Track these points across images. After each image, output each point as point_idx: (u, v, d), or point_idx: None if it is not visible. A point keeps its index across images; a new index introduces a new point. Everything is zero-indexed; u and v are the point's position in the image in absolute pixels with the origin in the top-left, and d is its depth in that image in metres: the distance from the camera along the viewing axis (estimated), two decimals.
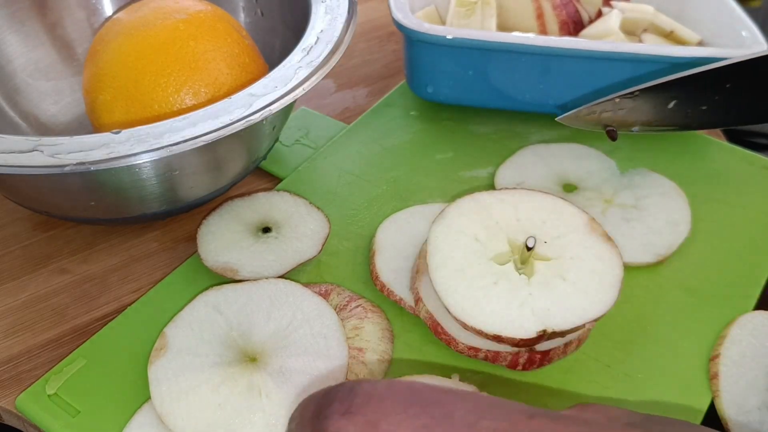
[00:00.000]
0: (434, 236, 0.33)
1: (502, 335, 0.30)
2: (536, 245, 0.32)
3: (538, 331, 0.30)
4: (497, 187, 0.42)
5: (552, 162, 0.43)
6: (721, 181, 0.44)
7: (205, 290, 0.34)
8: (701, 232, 0.40)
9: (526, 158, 0.44)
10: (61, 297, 0.37)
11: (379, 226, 0.39)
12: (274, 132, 0.40)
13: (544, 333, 0.30)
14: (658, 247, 0.38)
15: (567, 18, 0.48)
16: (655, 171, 0.43)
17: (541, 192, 0.35)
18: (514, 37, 0.43)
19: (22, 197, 0.37)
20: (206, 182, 0.37)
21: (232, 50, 0.39)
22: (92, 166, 0.29)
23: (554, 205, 0.35)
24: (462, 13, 0.48)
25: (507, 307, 0.31)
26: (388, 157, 0.45)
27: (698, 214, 0.41)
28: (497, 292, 0.31)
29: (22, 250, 0.39)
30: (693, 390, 0.33)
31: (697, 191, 0.43)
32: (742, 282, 0.38)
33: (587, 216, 0.34)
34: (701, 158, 0.46)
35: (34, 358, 0.34)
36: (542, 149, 0.44)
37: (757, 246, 0.40)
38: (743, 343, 0.34)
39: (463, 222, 0.34)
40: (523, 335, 0.30)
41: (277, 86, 0.34)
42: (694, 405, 0.32)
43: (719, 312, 0.36)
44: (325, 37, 0.37)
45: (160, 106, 0.37)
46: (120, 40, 0.38)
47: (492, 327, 0.30)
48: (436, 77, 0.46)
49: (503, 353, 0.32)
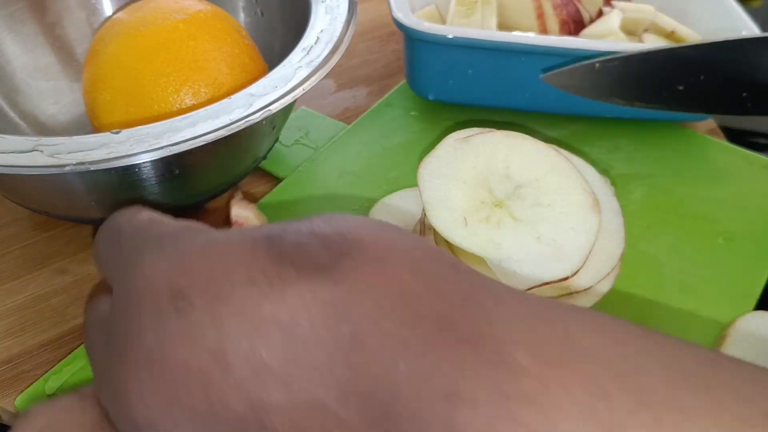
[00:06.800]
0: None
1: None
2: (518, 197, 0.32)
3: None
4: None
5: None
6: (721, 181, 0.44)
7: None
8: (701, 232, 0.40)
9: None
10: (61, 297, 0.37)
11: (370, 209, 0.39)
12: (274, 132, 0.40)
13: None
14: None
15: (567, 17, 0.48)
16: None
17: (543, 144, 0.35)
18: (514, 36, 0.43)
19: (22, 197, 0.37)
20: (206, 182, 0.37)
21: (232, 50, 0.39)
22: (92, 166, 0.29)
23: (550, 159, 0.34)
24: (462, 13, 0.48)
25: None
26: (388, 157, 0.45)
27: (698, 213, 0.41)
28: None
29: (22, 250, 0.39)
30: None
31: (697, 191, 0.43)
32: (742, 282, 0.38)
33: (583, 180, 0.33)
34: (701, 158, 0.46)
35: (34, 358, 0.34)
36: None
37: (757, 246, 0.40)
38: (743, 343, 0.34)
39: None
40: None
41: (277, 86, 0.34)
42: None
43: (719, 312, 0.36)
44: (325, 37, 0.37)
45: (160, 106, 0.37)
46: (120, 40, 0.38)
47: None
48: (436, 77, 0.46)
49: None
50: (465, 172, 0.32)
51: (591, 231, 0.31)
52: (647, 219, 0.41)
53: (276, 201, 0.41)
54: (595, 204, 0.32)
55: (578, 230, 0.31)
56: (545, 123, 0.47)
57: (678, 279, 0.38)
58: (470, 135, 0.34)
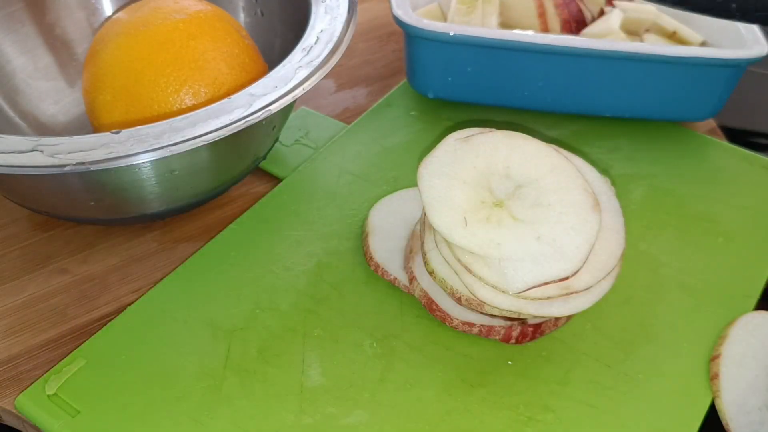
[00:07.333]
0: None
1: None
2: (519, 197, 0.32)
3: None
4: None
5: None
6: (721, 181, 0.44)
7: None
8: (701, 232, 0.40)
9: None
10: (61, 297, 0.37)
11: (371, 209, 0.40)
12: (274, 132, 0.40)
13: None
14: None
15: (569, 17, 0.48)
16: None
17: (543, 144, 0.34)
18: (513, 34, 0.43)
19: (22, 197, 0.37)
20: (206, 182, 0.37)
21: (232, 50, 0.39)
22: (92, 166, 0.29)
23: (550, 159, 0.34)
24: (463, 11, 0.48)
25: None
26: (388, 157, 0.45)
27: (698, 213, 0.41)
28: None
29: (22, 250, 0.39)
30: (693, 390, 0.33)
31: (697, 191, 0.43)
32: (742, 282, 0.38)
33: (583, 180, 0.33)
34: (701, 158, 0.46)
35: (34, 358, 0.34)
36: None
37: (757, 246, 0.40)
38: (744, 343, 0.34)
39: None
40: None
41: (277, 86, 0.34)
42: (694, 405, 0.32)
43: (719, 312, 0.36)
44: (325, 37, 0.37)
45: (160, 106, 0.37)
46: (120, 40, 0.38)
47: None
48: (436, 74, 0.46)
49: (496, 327, 0.33)
50: (465, 172, 0.32)
51: (591, 231, 0.31)
52: (647, 219, 0.41)
53: (276, 201, 0.41)
54: (595, 204, 0.32)
55: (578, 230, 0.31)
56: (545, 123, 0.47)
57: (678, 279, 0.38)
58: (470, 135, 0.34)
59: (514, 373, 0.33)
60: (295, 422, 0.31)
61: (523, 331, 0.33)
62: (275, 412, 0.31)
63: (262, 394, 0.32)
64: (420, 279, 0.34)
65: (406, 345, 0.34)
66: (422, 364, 0.33)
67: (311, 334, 0.34)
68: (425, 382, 0.33)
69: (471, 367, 0.33)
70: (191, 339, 0.34)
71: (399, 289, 0.36)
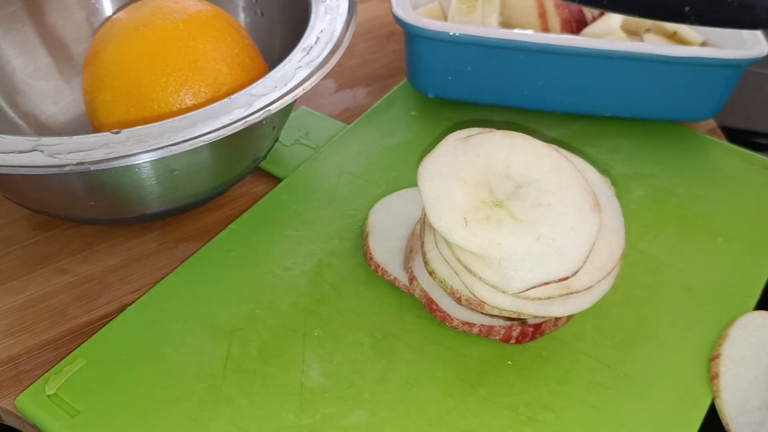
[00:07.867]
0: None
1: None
2: (519, 198, 0.32)
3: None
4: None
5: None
6: (721, 181, 0.44)
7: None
8: (701, 232, 0.40)
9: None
10: (61, 297, 0.37)
11: (371, 209, 0.40)
12: (274, 132, 0.40)
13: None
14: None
15: (570, 16, 0.48)
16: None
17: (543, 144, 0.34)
18: (513, 33, 0.43)
19: (22, 197, 0.37)
20: (206, 182, 0.37)
21: (232, 50, 0.39)
22: (92, 166, 0.29)
23: (551, 159, 0.34)
24: (464, 11, 0.48)
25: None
26: (388, 157, 0.45)
27: (698, 213, 0.41)
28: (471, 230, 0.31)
29: (22, 250, 0.39)
30: (693, 390, 0.33)
31: (697, 191, 0.43)
32: (742, 282, 0.38)
33: (583, 180, 0.33)
34: (701, 158, 0.46)
35: (34, 358, 0.34)
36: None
37: (757, 246, 0.40)
38: (744, 343, 0.34)
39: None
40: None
41: (277, 86, 0.34)
42: (694, 405, 0.32)
43: (719, 312, 0.36)
44: (325, 37, 0.37)
45: (160, 106, 0.37)
46: (120, 40, 0.38)
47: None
48: (436, 74, 0.46)
49: (496, 327, 0.33)
50: (465, 172, 0.32)
51: (591, 231, 0.31)
52: (647, 219, 0.41)
53: (276, 201, 0.41)
54: (595, 204, 0.32)
55: (578, 230, 0.31)
56: (545, 123, 0.47)
57: (678, 279, 0.38)
58: (470, 135, 0.34)
59: (514, 373, 0.33)
60: (295, 422, 0.31)
61: (523, 331, 0.33)
62: (275, 412, 0.31)
63: (262, 394, 0.32)
64: (420, 279, 0.34)
65: (406, 345, 0.34)
66: (422, 364, 0.33)
67: (311, 334, 0.34)
68: (425, 382, 0.33)
69: (471, 367, 0.33)
70: (191, 339, 0.34)
71: (399, 289, 0.36)
